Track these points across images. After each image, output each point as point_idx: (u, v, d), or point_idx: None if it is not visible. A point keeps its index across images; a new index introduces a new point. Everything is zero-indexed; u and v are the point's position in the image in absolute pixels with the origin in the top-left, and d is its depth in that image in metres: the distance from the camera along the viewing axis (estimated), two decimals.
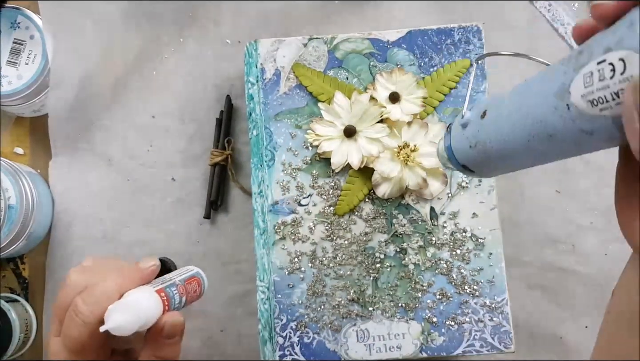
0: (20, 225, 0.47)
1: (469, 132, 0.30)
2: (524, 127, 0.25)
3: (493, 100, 0.29)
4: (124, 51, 0.53)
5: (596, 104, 0.21)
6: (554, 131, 0.24)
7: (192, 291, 0.39)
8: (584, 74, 0.22)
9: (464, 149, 0.31)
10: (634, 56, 0.20)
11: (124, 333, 0.32)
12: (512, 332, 0.45)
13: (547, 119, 0.24)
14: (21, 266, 0.53)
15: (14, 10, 0.50)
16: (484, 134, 0.29)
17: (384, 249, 0.46)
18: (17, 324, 0.49)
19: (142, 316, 0.33)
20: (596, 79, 0.21)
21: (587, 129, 0.22)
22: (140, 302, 0.34)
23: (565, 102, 0.23)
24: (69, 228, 0.52)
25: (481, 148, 0.29)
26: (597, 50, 0.21)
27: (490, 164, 0.30)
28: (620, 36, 0.20)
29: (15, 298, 0.52)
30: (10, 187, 0.47)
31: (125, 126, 0.53)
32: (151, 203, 0.53)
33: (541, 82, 0.25)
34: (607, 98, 0.21)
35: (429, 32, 0.47)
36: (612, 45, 0.21)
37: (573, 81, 0.22)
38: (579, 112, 0.22)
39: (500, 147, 0.28)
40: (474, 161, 0.31)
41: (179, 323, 0.35)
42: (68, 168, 0.53)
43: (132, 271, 0.36)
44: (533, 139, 0.25)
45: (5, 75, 0.49)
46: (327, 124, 0.46)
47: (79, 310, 0.33)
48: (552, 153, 0.26)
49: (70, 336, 0.34)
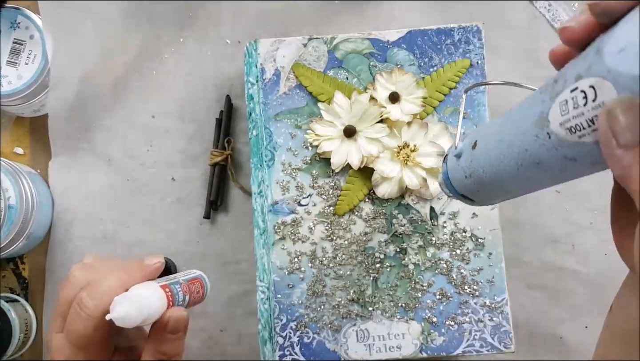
0: (20, 225, 0.47)
1: (463, 163, 0.31)
2: (511, 156, 0.26)
3: (482, 129, 0.30)
4: (124, 51, 0.53)
5: (574, 132, 0.22)
6: (539, 159, 0.24)
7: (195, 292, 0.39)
8: (559, 102, 0.22)
9: (460, 178, 0.31)
10: (603, 83, 0.20)
11: (128, 324, 0.33)
12: (512, 332, 0.45)
13: (531, 148, 0.24)
14: (21, 266, 0.53)
15: (14, 10, 0.50)
16: (477, 164, 0.29)
17: (384, 249, 0.46)
18: (17, 324, 0.49)
19: (147, 309, 0.33)
20: (571, 107, 0.21)
21: (570, 155, 0.23)
22: (145, 295, 0.34)
23: (545, 131, 0.23)
24: (69, 228, 0.52)
25: (476, 178, 0.30)
26: (570, 78, 0.22)
27: (486, 193, 0.30)
28: (589, 63, 0.21)
29: (15, 298, 0.52)
30: (10, 187, 0.47)
31: (125, 126, 0.53)
32: (151, 203, 0.53)
33: (522, 111, 0.25)
34: (584, 125, 0.21)
35: (429, 32, 0.47)
36: (582, 72, 0.21)
37: (550, 109, 0.23)
38: (559, 140, 0.22)
39: (493, 177, 0.28)
40: (471, 190, 0.31)
41: (183, 318, 0.35)
42: (68, 168, 0.53)
43: (136, 267, 0.36)
44: (521, 167, 0.25)
45: (5, 75, 0.49)
46: (327, 124, 0.46)
47: (83, 304, 0.34)
48: (544, 180, 0.26)
49: (75, 331, 0.34)
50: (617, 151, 0.19)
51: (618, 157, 0.19)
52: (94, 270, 0.36)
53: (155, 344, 0.35)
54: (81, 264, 0.37)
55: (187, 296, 0.38)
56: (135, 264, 0.37)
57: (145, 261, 0.37)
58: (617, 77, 0.19)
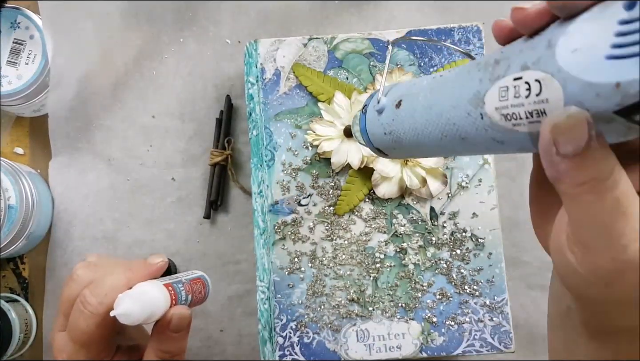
0: (20, 225, 0.47)
1: (384, 120, 0.30)
2: (437, 126, 0.25)
3: (409, 89, 0.28)
4: (124, 51, 0.53)
5: (509, 119, 0.21)
6: (466, 135, 0.24)
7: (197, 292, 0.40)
8: (499, 87, 0.21)
9: (378, 134, 0.30)
10: (551, 80, 0.19)
11: (132, 321, 0.33)
12: (512, 332, 0.45)
13: (459, 123, 0.24)
14: (21, 266, 0.53)
15: (14, 10, 0.50)
16: (399, 124, 0.28)
17: (384, 249, 0.46)
18: (17, 324, 0.49)
19: (150, 307, 0.34)
20: (511, 95, 0.21)
21: (499, 139, 0.22)
22: (149, 293, 0.34)
23: (479, 111, 0.23)
24: (69, 228, 0.52)
25: (395, 136, 0.29)
26: (515, 65, 0.21)
27: (403, 151, 0.30)
28: (539, 56, 0.20)
29: (15, 298, 0.52)
30: (10, 187, 0.47)
31: (125, 126, 0.53)
32: (151, 202, 0.53)
33: (456, 85, 0.24)
34: (521, 115, 0.21)
35: (428, 32, 0.47)
36: (529, 63, 0.20)
37: (488, 92, 0.22)
38: (491, 122, 0.22)
39: (414, 140, 0.27)
40: (388, 147, 0.30)
41: (186, 316, 0.36)
42: (68, 168, 0.53)
43: (140, 265, 0.37)
44: (445, 138, 0.25)
45: (5, 75, 0.49)
46: (327, 124, 0.46)
47: (87, 301, 0.34)
48: (464, 152, 0.26)
49: (78, 328, 0.34)
50: (555, 157, 0.20)
51: (555, 163, 0.20)
52: (98, 269, 0.36)
53: (158, 342, 0.36)
54: (85, 263, 0.37)
55: (190, 295, 0.38)
56: (139, 263, 0.37)
57: (149, 260, 0.37)
58: (567, 79, 0.19)
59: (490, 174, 0.46)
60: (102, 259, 0.38)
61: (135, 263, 0.37)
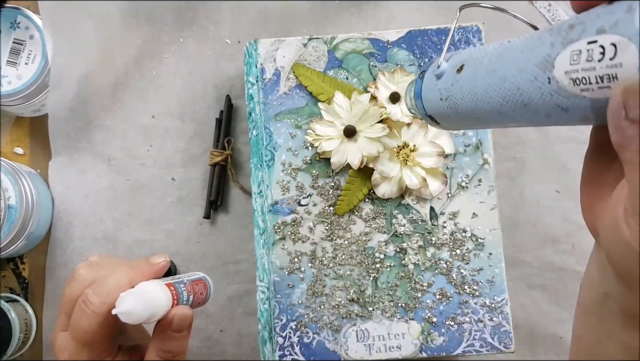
0: (20, 225, 0.47)
1: (442, 85, 0.29)
2: (500, 90, 0.25)
3: (472, 55, 0.28)
4: (124, 51, 0.53)
5: (578, 84, 0.21)
6: (529, 100, 0.23)
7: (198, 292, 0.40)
8: (571, 51, 0.21)
9: (434, 99, 0.30)
10: (627, 44, 0.19)
11: (134, 320, 0.33)
12: (512, 332, 0.45)
13: (524, 87, 0.23)
14: (21, 266, 0.53)
15: (14, 10, 0.50)
16: (457, 90, 0.28)
17: (384, 249, 0.46)
18: (16, 324, 0.49)
19: (152, 306, 0.34)
20: (584, 59, 0.21)
21: (564, 105, 0.22)
22: (151, 292, 0.34)
23: (546, 75, 0.22)
24: (69, 228, 0.52)
25: (452, 103, 0.28)
26: (590, 29, 0.21)
27: (457, 119, 0.29)
28: (617, 19, 0.20)
29: (15, 298, 0.52)
30: (10, 187, 0.47)
31: (125, 126, 0.53)
32: (151, 203, 0.53)
33: (524, 49, 0.24)
34: (591, 80, 0.20)
35: (428, 32, 0.47)
36: (606, 27, 0.20)
37: (559, 55, 0.22)
38: (558, 87, 0.22)
39: (472, 106, 0.27)
40: (442, 113, 0.30)
41: (187, 316, 0.35)
42: (68, 168, 0.53)
43: (142, 265, 0.37)
44: (506, 104, 0.25)
45: (5, 75, 0.49)
46: (327, 124, 0.46)
47: (89, 301, 0.34)
48: (522, 120, 0.25)
49: (80, 327, 0.34)
50: (624, 122, 0.20)
51: (622, 127, 0.20)
52: (100, 268, 0.36)
53: (160, 342, 0.35)
54: (87, 262, 0.37)
55: (191, 296, 0.38)
56: (141, 263, 0.37)
57: (151, 259, 0.37)
58: None
59: (490, 174, 0.46)
60: (104, 259, 0.38)
61: (137, 262, 0.37)
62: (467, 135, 0.46)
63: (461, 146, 0.46)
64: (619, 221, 0.21)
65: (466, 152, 0.46)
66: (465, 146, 0.46)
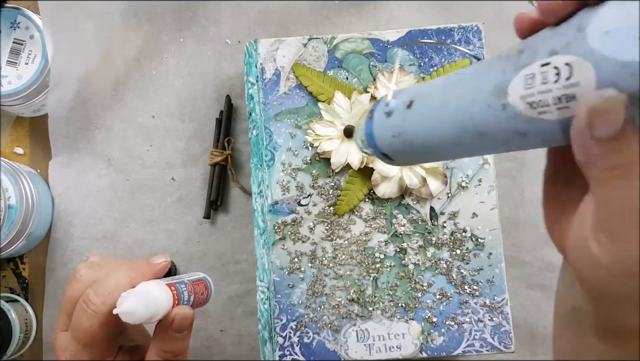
0: (20, 225, 0.47)
1: (392, 122, 0.29)
2: (453, 123, 0.25)
3: (421, 89, 0.28)
4: (124, 51, 0.53)
5: (535, 107, 0.21)
6: (484, 129, 0.23)
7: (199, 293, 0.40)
8: (525, 75, 0.21)
9: (386, 137, 0.29)
10: (582, 63, 0.19)
11: (135, 320, 0.33)
12: (512, 332, 0.45)
13: (478, 117, 0.23)
14: (21, 266, 0.53)
15: (14, 10, 0.50)
16: (409, 126, 0.27)
17: (384, 249, 0.46)
18: (17, 324, 0.49)
19: (153, 306, 0.34)
20: (538, 82, 0.21)
21: (521, 130, 0.22)
22: (152, 292, 0.34)
23: (501, 102, 0.22)
24: (69, 228, 0.52)
25: (405, 138, 0.28)
26: (541, 52, 0.21)
27: (412, 155, 0.29)
28: (568, 40, 0.20)
29: (15, 298, 0.52)
30: (10, 187, 0.47)
31: (125, 126, 0.53)
32: (151, 202, 0.53)
33: (475, 78, 0.24)
34: (549, 102, 0.20)
35: (429, 32, 0.47)
36: (558, 48, 0.20)
37: (512, 81, 0.22)
38: (515, 113, 0.22)
39: (426, 140, 0.27)
40: (396, 150, 0.29)
41: (188, 316, 0.36)
42: (68, 168, 0.53)
43: (143, 265, 0.37)
44: (461, 135, 0.24)
45: (5, 75, 0.49)
46: (327, 124, 0.46)
47: (90, 301, 0.34)
48: (480, 149, 0.25)
49: (81, 327, 0.34)
50: (589, 141, 0.19)
51: (587, 147, 0.20)
52: (100, 268, 0.36)
53: (160, 342, 0.35)
54: (87, 262, 0.37)
55: (192, 296, 0.38)
56: (142, 263, 0.37)
57: (152, 259, 0.37)
58: (600, 60, 0.19)
59: (490, 174, 0.46)
60: (105, 259, 0.38)
61: (138, 262, 0.37)
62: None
63: None
64: (587, 238, 0.21)
65: None
66: None
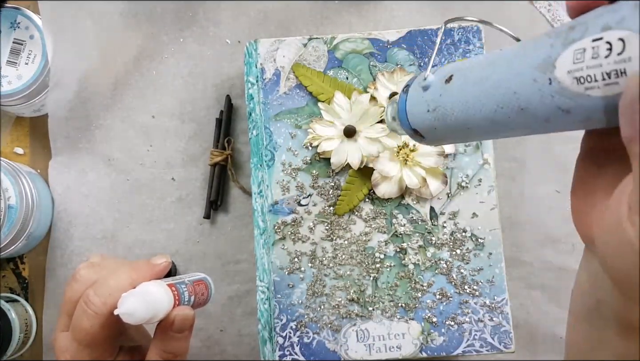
0: (20, 225, 0.47)
1: (429, 96, 0.28)
2: (494, 97, 0.24)
3: (461, 65, 0.28)
4: (124, 51, 0.53)
5: (582, 82, 0.21)
6: (527, 104, 0.23)
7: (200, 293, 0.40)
8: (574, 50, 0.21)
9: (420, 112, 0.29)
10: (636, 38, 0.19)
11: (136, 320, 0.33)
12: (512, 332, 0.45)
13: (522, 91, 0.23)
14: (21, 266, 0.53)
15: (14, 10, 0.50)
16: (447, 99, 0.27)
17: (384, 249, 0.46)
18: (17, 324, 0.49)
19: (154, 306, 0.33)
20: (588, 57, 0.20)
21: (565, 106, 0.22)
22: (153, 293, 0.34)
23: (547, 76, 0.22)
24: (69, 228, 0.52)
25: (440, 114, 0.27)
26: (594, 28, 0.21)
27: (446, 131, 0.28)
28: (623, 15, 0.20)
29: (15, 298, 0.52)
30: (10, 187, 0.47)
31: (125, 126, 0.53)
32: (151, 203, 0.53)
33: (520, 53, 0.24)
34: (597, 77, 0.20)
35: (429, 32, 0.47)
36: (612, 23, 0.20)
37: (560, 56, 0.22)
38: (560, 87, 0.22)
39: (462, 116, 0.26)
40: (428, 127, 0.29)
41: (189, 317, 0.36)
42: (68, 168, 0.53)
43: (144, 266, 0.37)
44: (501, 110, 0.24)
45: (5, 75, 0.49)
46: (327, 124, 0.46)
47: (91, 301, 0.34)
48: (517, 127, 0.25)
49: (81, 328, 0.34)
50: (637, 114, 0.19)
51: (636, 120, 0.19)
52: (101, 269, 0.36)
53: (161, 343, 0.35)
54: (88, 263, 0.37)
55: (193, 296, 0.38)
56: (143, 263, 0.37)
57: (152, 260, 0.37)
58: None
59: (490, 174, 0.46)
60: (105, 260, 0.38)
61: (139, 263, 0.37)
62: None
63: (461, 146, 0.46)
64: (622, 220, 0.20)
65: (466, 152, 0.46)
66: (465, 146, 0.46)
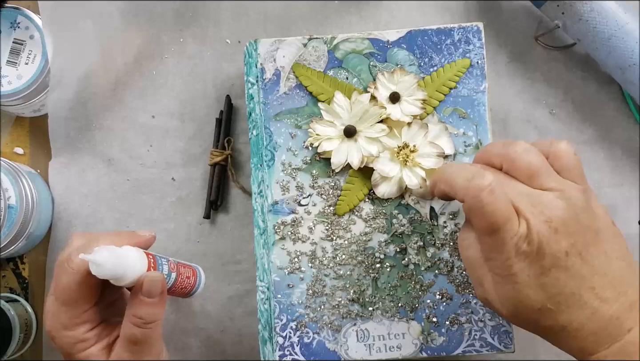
0: (20, 225, 0.47)
1: None
2: None
3: None
4: (124, 51, 0.53)
5: None
6: None
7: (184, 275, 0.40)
8: None
9: None
10: None
11: (102, 273, 0.34)
12: (512, 332, 0.45)
13: None
14: (21, 266, 0.53)
15: (14, 10, 0.50)
16: None
17: (384, 249, 0.46)
18: (17, 324, 0.49)
19: (124, 264, 0.35)
20: None
21: None
22: (127, 253, 0.36)
23: None
24: (69, 228, 0.52)
25: None
26: None
27: None
28: None
29: (15, 298, 0.52)
30: (10, 187, 0.47)
31: (125, 126, 0.53)
32: (151, 202, 0.53)
33: None
34: None
35: (428, 32, 0.47)
36: None
37: None
38: None
39: None
40: None
41: (158, 280, 0.37)
42: (68, 168, 0.53)
43: (128, 234, 0.40)
44: None
45: (5, 75, 0.49)
46: (327, 124, 0.46)
47: (71, 260, 0.36)
48: None
49: (59, 285, 0.36)
50: None
51: None
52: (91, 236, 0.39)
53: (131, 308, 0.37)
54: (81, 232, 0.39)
55: (174, 273, 0.38)
56: (128, 232, 0.41)
57: (137, 231, 0.41)
58: None
59: None
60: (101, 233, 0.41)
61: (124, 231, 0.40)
62: (467, 135, 0.46)
63: (461, 146, 0.46)
64: None
65: (466, 152, 0.46)
66: (465, 146, 0.46)
